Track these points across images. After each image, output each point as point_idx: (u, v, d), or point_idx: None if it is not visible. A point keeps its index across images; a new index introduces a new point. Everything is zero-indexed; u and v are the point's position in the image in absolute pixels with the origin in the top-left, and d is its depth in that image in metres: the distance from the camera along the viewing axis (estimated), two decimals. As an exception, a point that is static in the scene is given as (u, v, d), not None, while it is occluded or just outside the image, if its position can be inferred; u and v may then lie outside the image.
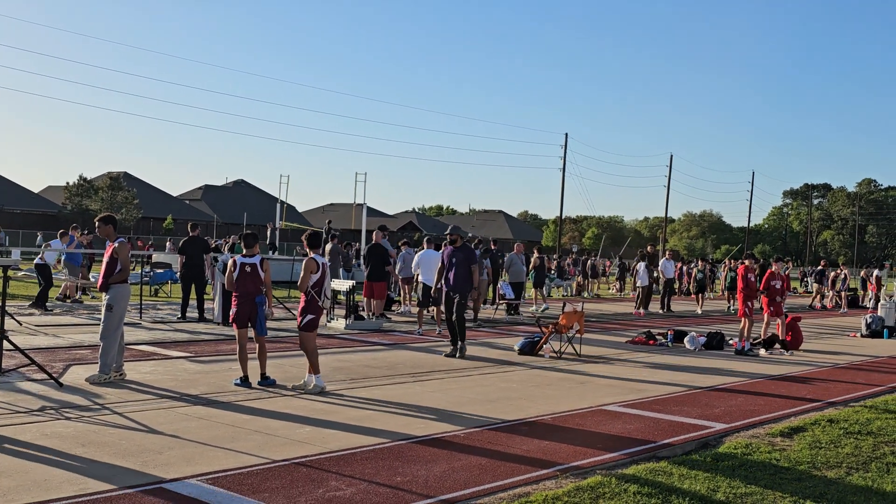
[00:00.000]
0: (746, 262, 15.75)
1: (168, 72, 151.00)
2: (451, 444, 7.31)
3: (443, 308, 13.56)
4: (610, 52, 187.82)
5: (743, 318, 15.19)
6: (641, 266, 25.33)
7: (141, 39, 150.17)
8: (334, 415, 8.40)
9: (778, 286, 15.81)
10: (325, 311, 9.61)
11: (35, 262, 19.17)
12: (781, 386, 11.56)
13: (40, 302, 17.78)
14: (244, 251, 10.13)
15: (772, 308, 15.70)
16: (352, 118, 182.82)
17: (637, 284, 25.17)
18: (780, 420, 9.00)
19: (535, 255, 24.63)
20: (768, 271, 16.09)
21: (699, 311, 24.92)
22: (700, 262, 27.62)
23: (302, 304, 9.71)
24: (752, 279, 15.48)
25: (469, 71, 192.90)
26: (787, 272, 31.01)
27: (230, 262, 10.07)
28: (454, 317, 12.98)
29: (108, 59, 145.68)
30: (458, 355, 12.85)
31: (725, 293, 28.97)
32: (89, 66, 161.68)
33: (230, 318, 10.00)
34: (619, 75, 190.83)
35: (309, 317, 9.62)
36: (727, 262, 29.42)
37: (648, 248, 25.91)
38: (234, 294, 9.91)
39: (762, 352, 15.55)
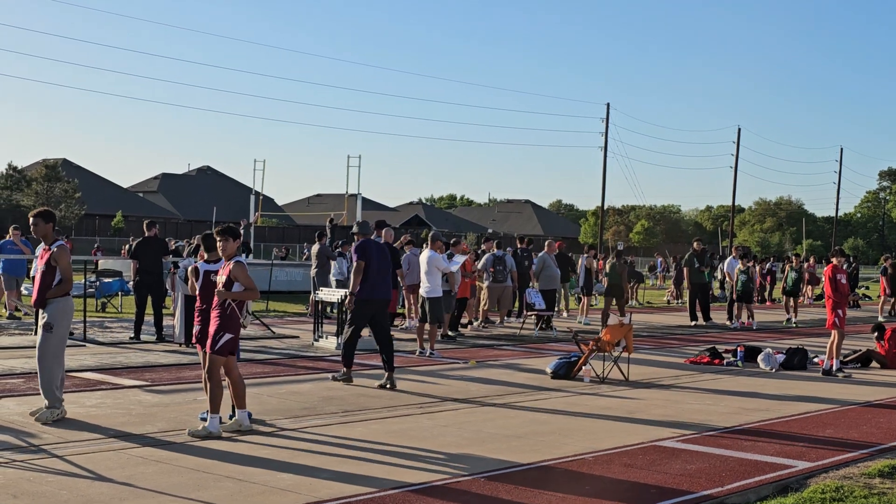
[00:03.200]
0: (834, 260, 15.68)
1: (116, 35, 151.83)
2: (466, 494, 7.31)
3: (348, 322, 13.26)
4: (661, 5, 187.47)
5: (833, 331, 15.13)
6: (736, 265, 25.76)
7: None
8: (324, 456, 8.42)
9: None
10: (244, 329, 9.39)
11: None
12: (881, 414, 11.52)
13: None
14: (206, 255, 10.11)
15: None
16: (343, 88, 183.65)
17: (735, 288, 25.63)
18: (877, 456, 8.95)
19: (589, 254, 25.12)
20: None
21: (752, 324, 24.51)
22: (742, 262, 27.27)
23: (216, 320, 9.31)
24: (844, 282, 15.40)
25: (488, 28, 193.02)
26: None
27: (190, 269, 10.06)
28: (382, 333, 12.92)
29: (42, 21, 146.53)
30: (389, 386, 12.52)
31: (784, 299, 27.95)
32: (18, 28, 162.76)
33: (194, 338, 10.01)
34: (672, 32, 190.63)
35: (226, 336, 9.25)
36: (792, 260, 28.95)
37: (695, 244, 25.86)
38: (196, 308, 9.88)
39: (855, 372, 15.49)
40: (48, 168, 71.88)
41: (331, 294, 17.50)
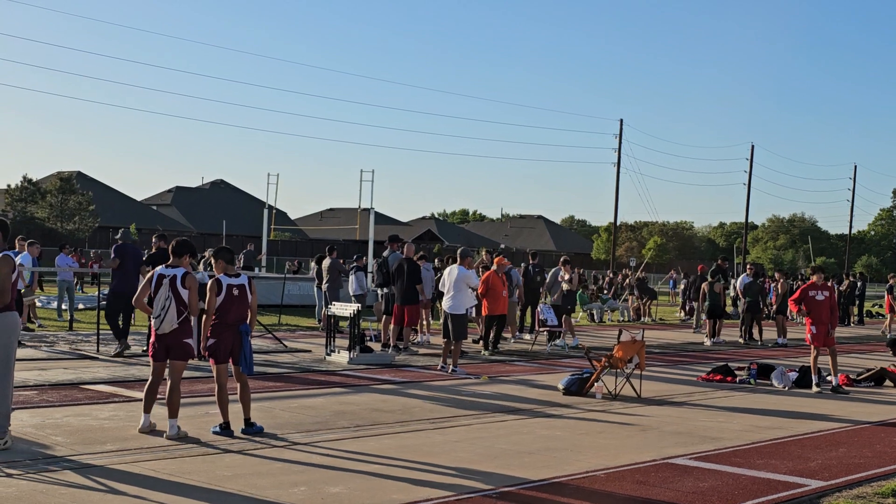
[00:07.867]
0: (814, 277, 15.66)
1: (131, 49, 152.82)
2: (481, 508, 7.30)
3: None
4: (674, 21, 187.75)
5: (812, 348, 15.15)
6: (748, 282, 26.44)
7: (95, 8, 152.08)
8: (336, 470, 8.44)
9: None
10: (159, 336, 9.87)
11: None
12: (894, 434, 11.47)
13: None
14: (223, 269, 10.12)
15: None
16: (355, 103, 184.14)
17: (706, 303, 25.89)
18: (891, 476, 8.92)
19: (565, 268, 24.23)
20: None
21: (710, 343, 24.14)
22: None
23: None
24: (819, 298, 15.28)
25: (501, 44, 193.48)
26: None
27: (211, 282, 10.07)
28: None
29: (56, 33, 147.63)
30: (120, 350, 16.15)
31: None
32: (32, 41, 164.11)
33: (205, 351, 10.04)
34: (686, 48, 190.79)
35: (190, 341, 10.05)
36: (778, 277, 28.61)
37: (720, 260, 25.79)
38: (212, 321, 9.92)
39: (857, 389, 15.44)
40: (63, 181, 72.24)
41: (343, 308, 17.51)
